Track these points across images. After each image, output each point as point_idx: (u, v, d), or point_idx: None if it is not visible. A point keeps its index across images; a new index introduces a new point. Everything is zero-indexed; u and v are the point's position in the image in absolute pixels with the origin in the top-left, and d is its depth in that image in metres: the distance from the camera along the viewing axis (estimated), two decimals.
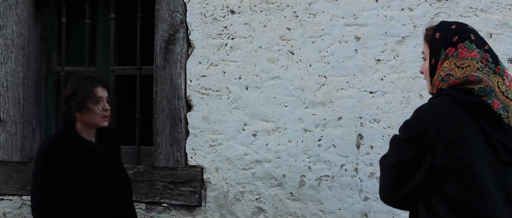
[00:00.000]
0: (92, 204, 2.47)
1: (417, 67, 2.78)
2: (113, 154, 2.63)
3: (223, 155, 3.06)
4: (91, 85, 2.48)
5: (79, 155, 2.48)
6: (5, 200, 3.38)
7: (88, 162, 2.49)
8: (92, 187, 2.47)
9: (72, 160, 2.46)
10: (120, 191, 2.57)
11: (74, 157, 2.47)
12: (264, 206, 3.00)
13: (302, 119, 2.94)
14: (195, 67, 3.10)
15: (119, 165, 2.65)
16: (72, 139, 2.49)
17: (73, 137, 2.49)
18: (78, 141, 2.49)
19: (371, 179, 2.85)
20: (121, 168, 2.66)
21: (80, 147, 2.49)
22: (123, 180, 2.62)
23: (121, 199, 2.57)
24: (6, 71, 3.38)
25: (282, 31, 2.96)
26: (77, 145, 2.48)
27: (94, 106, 2.46)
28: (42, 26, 3.50)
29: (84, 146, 2.49)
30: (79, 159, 2.47)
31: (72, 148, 2.47)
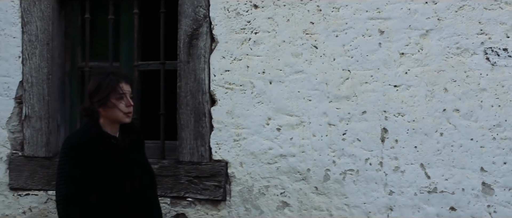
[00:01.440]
0: (116, 199, 2.82)
1: (442, 60, 3.17)
2: (137, 149, 3.04)
3: (247, 149, 3.50)
4: (115, 80, 2.85)
5: (103, 150, 2.85)
6: (31, 195, 3.88)
7: (112, 157, 2.86)
8: (116, 182, 2.83)
9: (96, 155, 2.82)
10: (144, 186, 2.96)
11: (98, 152, 2.83)
12: (289, 200, 3.43)
13: (326, 113, 3.37)
14: (218, 62, 3.55)
15: (143, 160, 3.08)
16: (96, 134, 2.87)
17: (97, 132, 2.87)
18: (101, 136, 2.86)
19: (396, 173, 3.26)
20: (145, 163, 3.09)
21: (104, 142, 2.86)
22: (148, 175, 3.04)
23: (145, 193, 2.96)
24: (31, 67, 3.87)
25: (306, 25, 3.39)
26: (101, 140, 2.85)
27: (117, 102, 2.84)
28: (66, 22, 3.99)
29: (108, 141, 2.87)
30: (103, 154, 2.84)
31: (96, 143, 2.84)
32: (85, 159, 2.80)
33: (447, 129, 3.17)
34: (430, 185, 3.20)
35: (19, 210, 3.90)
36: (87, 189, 2.77)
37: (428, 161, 3.20)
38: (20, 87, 3.89)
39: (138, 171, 2.95)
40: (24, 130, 3.88)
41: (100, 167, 2.82)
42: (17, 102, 3.90)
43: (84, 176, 2.78)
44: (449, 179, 3.17)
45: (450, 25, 3.16)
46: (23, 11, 3.87)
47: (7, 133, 3.92)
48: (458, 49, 3.15)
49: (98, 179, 2.79)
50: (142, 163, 3.04)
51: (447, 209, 3.18)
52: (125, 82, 2.89)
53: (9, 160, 3.92)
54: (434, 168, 3.19)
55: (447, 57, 3.16)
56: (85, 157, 2.80)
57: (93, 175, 2.79)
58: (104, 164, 2.83)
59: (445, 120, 3.17)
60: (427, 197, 3.21)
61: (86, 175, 2.78)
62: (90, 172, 2.79)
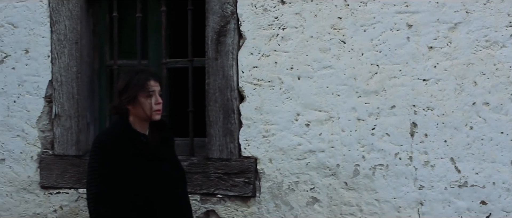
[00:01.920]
0: (145, 197, 3.00)
1: (471, 54, 3.31)
2: (166, 146, 3.22)
3: (276, 145, 3.66)
4: (143, 78, 3.03)
5: (133, 148, 3.02)
6: (62, 193, 4.10)
7: (142, 155, 3.03)
8: (144, 180, 3.00)
9: (126, 153, 3.00)
10: (173, 183, 3.14)
11: (127, 150, 3.01)
12: (319, 196, 3.60)
13: (355, 108, 3.52)
14: (246, 58, 3.72)
15: (173, 157, 3.26)
16: (126, 132, 3.05)
17: (127, 130, 3.06)
18: (131, 134, 3.05)
19: (425, 167, 3.40)
20: (175, 160, 3.27)
21: (133, 140, 3.04)
22: (177, 172, 3.21)
23: (174, 191, 3.13)
24: (60, 66, 4.08)
25: (333, 20, 3.54)
26: (130, 138, 3.04)
27: (146, 100, 3.02)
28: (94, 21, 4.19)
29: (137, 139, 3.05)
30: (132, 151, 3.02)
31: (126, 141, 3.02)
32: (115, 157, 2.98)
33: (477, 123, 3.30)
34: (460, 179, 3.34)
35: (50, 208, 4.13)
36: (116, 187, 2.95)
37: (458, 155, 3.33)
38: (49, 86, 4.11)
39: (166, 168, 3.13)
40: (54, 129, 4.10)
41: (129, 165, 2.99)
42: (47, 102, 4.12)
43: (113, 174, 2.96)
44: (480, 173, 3.30)
45: (478, 18, 3.28)
46: (51, 11, 4.08)
47: (38, 132, 4.15)
48: (487, 42, 3.27)
49: (127, 177, 2.97)
50: (172, 160, 3.23)
51: (477, 203, 3.32)
52: (154, 80, 3.06)
53: (39, 158, 4.14)
54: (464, 162, 3.32)
55: (476, 50, 3.29)
56: (115, 155, 2.99)
57: (122, 173, 2.97)
58: (133, 162, 3.01)
59: (474, 114, 3.30)
60: (458, 191, 3.34)
61: (115, 173, 2.96)
62: (119, 170, 2.97)
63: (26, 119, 4.16)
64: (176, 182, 3.18)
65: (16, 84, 4.16)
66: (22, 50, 4.15)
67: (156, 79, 3.08)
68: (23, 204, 4.18)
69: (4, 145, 4.20)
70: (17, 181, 4.19)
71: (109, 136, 3.09)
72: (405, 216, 3.43)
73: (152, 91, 3.03)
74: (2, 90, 4.18)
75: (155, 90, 3.05)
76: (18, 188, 4.19)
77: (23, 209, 4.18)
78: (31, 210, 4.16)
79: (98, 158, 3.00)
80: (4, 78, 4.17)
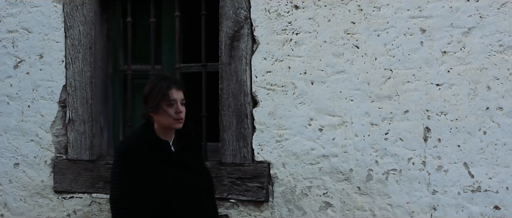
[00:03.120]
0: (165, 204, 3.07)
1: (485, 58, 3.39)
2: (191, 154, 3.27)
3: (289, 150, 3.75)
4: (165, 87, 3.10)
5: (154, 155, 3.11)
6: (75, 197, 4.21)
7: (162, 162, 3.11)
8: (164, 187, 3.08)
9: (147, 160, 3.09)
10: (194, 191, 3.19)
11: (148, 157, 3.10)
12: (332, 200, 3.68)
13: (368, 112, 3.60)
14: (260, 63, 3.81)
15: (196, 164, 3.29)
16: (148, 139, 3.14)
17: (149, 137, 3.15)
18: (153, 141, 3.14)
19: (439, 172, 3.47)
20: (200, 168, 3.32)
21: (155, 147, 3.13)
22: (200, 179, 3.26)
23: (195, 198, 3.19)
24: (74, 71, 4.20)
25: (347, 25, 3.63)
26: (153, 145, 3.12)
27: (167, 108, 3.09)
28: (108, 26, 4.32)
29: (159, 146, 3.14)
30: (154, 158, 3.10)
31: (148, 148, 3.11)
32: (136, 163, 3.08)
33: (491, 127, 3.37)
34: (473, 184, 3.41)
35: (63, 213, 4.24)
36: (135, 193, 3.05)
37: (472, 160, 3.41)
38: (63, 91, 4.22)
39: (188, 175, 3.19)
40: (68, 133, 4.21)
41: (149, 171, 3.08)
42: (60, 106, 4.24)
43: (134, 180, 3.06)
44: (493, 177, 3.37)
45: (492, 22, 3.36)
46: (65, 16, 4.20)
47: (51, 136, 4.26)
48: (501, 46, 3.35)
49: (146, 184, 3.06)
50: (195, 168, 3.26)
51: (491, 208, 3.39)
52: (176, 89, 3.13)
53: (53, 163, 4.26)
54: (478, 167, 3.40)
55: (490, 55, 3.37)
56: (136, 162, 3.08)
57: (142, 180, 3.06)
58: (153, 169, 3.09)
59: (488, 118, 3.38)
60: (471, 196, 3.42)
61: (136, 179, 3.06)
62: (140, 177, 3.06)
63: (40, 124, 4.28)
64: (197, 190, 3.22)
65: (30, 89, 4.28)
66: (36, 55, 4.27)
67: (178, 88, 3.15)
68: (37, 208, 4.30)
69: (18, 149, 4.32)
70: (31, 185, 4.31)
71: (131, 142, 3.19)
72: None
73: (174, 100, 3.10)
74: (17, 95, 4.30)
75: (177, 99, 3.11)
76: (32, 193, 4.30)
77: (36, 213, 4.29)
78: (44, 215, 4.28)
79: (120, 164, 3.10)
80: (18, 83, 4.30)
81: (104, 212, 4.12)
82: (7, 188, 4.35)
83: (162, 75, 3.34)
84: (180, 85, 3.18)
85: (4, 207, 4.36)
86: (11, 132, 4.32)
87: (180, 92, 3.14)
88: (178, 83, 3.18)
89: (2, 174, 4.36)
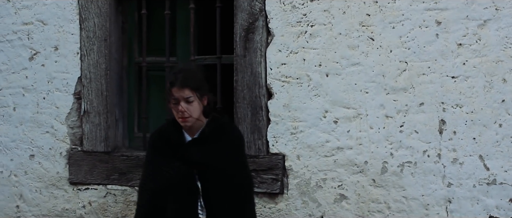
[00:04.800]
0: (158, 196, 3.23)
1: (500, 51, 3.44)
2: (205, 147, 3.25)
3: (304, 142, 3.82)
4: (168, 87, 3.16)
5: (167, 147, 3.26)
6: (90, 189, 4.31)
7: (172, 155, 3.24)
8: (160, 180, 3.24)
9: (160, 151, 3.27)
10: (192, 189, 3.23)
11: (160, 148, 3.28)
12: (346, 193, 3.75)
13: (383, 105, 3.66)
14: (275, 55, 3.88)
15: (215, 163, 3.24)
16: (166, 131, 3.31)
17: (168, 130, 3.31)
18: (169, 134, 3.28)
19: (454, 165, 3.53)
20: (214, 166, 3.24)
21: (169, 139, 3.27)
22: (208, 176, 3.24)
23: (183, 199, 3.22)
24: (89, 63, 4.29)
25: (362, 17, 3.69)
26: (168, 138, 3.28)
27: (173, 107, 3.18)
28: (123, 18, 4.39)
29: (172, 139, 3.27)
30: (162, 151, 3.27)
31: (164, 140, 3.29)
32: (151, 153, 3.34)
33: (506, 120, 3.43)
34: (489, 177, 3.47)
35: (78, 204, 4.34)
36: (144, 184, 3.31)
37: (487, 153, 3.47)
38: (78, 83, 4.31)
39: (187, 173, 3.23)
40: (83, 125, 4.31)
41: (156, 164, 3.28)
42: (76, 98, 4.33)
43: (146, 171, 3.32)
44: (509, 170, 3.43)
45: (508, 14, 3.41)
46: (80, 8, 4.28)
47: (67, 128, 4.36)
48: None
49: (151, 176, 3.28)
50: (209, 166, 3.24)
51: (506, 201, 3.45)
52: (178, 87, 3.13)
53: (68, 155, 4.35)
54: (493, 160, 3.46)
55: (506, 47, 3.42)
56: (151, 152, 3.34)
57: (150, 172, 3.29)
58: (158, 161, 3.28)
59: (504, 111, 3.43)
60: (486, 189, 3.48)
61: (147, 170, 3.32)
62: (150, 168, 3.30)
63: (55, 116, 4.37)
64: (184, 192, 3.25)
65: (45, 81, 4.37)
66: (51, 47, 4.36)
67: (180, 86, 3.13)
68: (52, 199, 4.39)
69: (34, 141, 4.42)
70: (46, 177, 4.41)
71: (155, 133, 3.41)
72: (433, 213, 3.57)
73: (176, 99, 3.15)
74: (32, 87, 4.39)
75: (179, 98, 3.14)
76: (47, 184, 4.40)
77: (52, 204, 4.39)
78: (60, 206, 4.38)
79: (146, 151, 3.42)
80: (33, 75, 4.39)
81: (119, 204, 4.21)
82: (23, 179, 4.45)
83: (172, 71, 3.41)
84: (183, 83, 3.13)
85: (20, 198, 4.46)
86: (27, 124, 4.42)
87: (184, 90, 3.13)
88: (180, 81, 3.14)
89: (18, 166, 4.46)
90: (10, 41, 4.42)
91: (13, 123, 4.45)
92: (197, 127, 3.26)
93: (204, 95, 3.22)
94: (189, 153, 3.24)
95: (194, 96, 3.15)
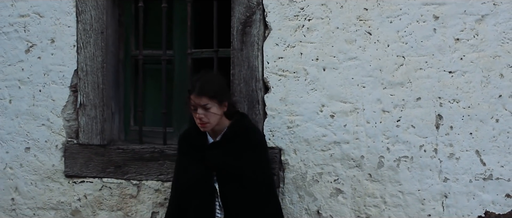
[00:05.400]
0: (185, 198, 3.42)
1: (498, 46, 3.43)
2: (224, 149, 3.43)
3: (301, 136, 3.82)
4: (187, 95, 3.36)
5: (190, 148, 3.47)
6: (86, 182, 4.29)
7: (190, 156, 3.46)
8: (179, 180, 3.48)
9: (184, 153, 3.51)
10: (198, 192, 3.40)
11: (187, 151, 3.49)
12: (343, 187, 3.75)
13: (380, 99, 3.66)
14: (272, 49, 3.87)
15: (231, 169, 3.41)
16: (191, 133, 3.51)
17: (192, 132, 3.50)
18: (193, 136, 3.48)
19: (450, 159, 3.53)
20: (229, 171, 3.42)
21: (192, 141, 3.48)
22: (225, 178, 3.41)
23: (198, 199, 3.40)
24: (85, 56, 4.27)
25: (359, 11, 3.68)
26: (190, 139, 3.49)
27: (192, 112, 3.36)
28: (119, 11, 4.38)
29: (194, 141, 3.46)
30: (190, 153, 3.46)
31: (188, 141, 3.51)
32: (179, 154, 3.60)
33: (503, 115, 3.43)
34: (485, 172, 3.47)
35: (74, 197, 4.33)
36: (173, 181, 3.62)
37: (484, 148, 3.47)
38: (75, 76, 4.30)
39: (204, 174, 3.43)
40: (79, 118, 4.29)
41: (181, 163, 3.54)
42: (72, 91, 4.31)
43: (175, 169, 3.62)
44: (505, 165, 3.43)
45: (506, 10, 3.40)
46: (77, 1, 4.26)
47: (62, 121, 4.34)
48: None
49: (176, 174, 3.54)
50: (224, 170, 3.43)
51: (502, 196, 3.45)
52: (196, 95, 3.32)
53: (64, 147, 4.34)
54: (490, 155, 3.46)
55: (503, 42, 3.41)
56: (179, 152, 3.60)
57: (176, 170, 3.56)
58: (184, 162, 3.51)
59: (501, 106, 3.43)
60: (483, 184, 3.48)
61: (175, 168, 3.61)
62: (177, 167, 3.56)
63: (51, 108, 4.35)
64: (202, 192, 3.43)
65: (41, 74, 4.36)
66: (48, 39, 4.34)
67: (199, 94, 3.31)
68: (48, 192, 4.39)
69: (29, 133, 4.41)
70: (41, 169, 4.39)
71: (182, 134, 3.64)
72: (429, 208, 3.57)
73: (193, 106, 3.33)
74: (28, 80, 4.38)
75: (196, 105, 3.32)
76: (43, 177, 4.39)
77: (47, 197, 4.39)
78: (55, 199, 4.37)
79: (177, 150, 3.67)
80: (30, 68, 4.37)
81: (114, 197, 4.21)
82: (18, 172, 4.44)
83: (193, 77, 3.58)
84: (201, 90, 3.31)
85: (15, 191, 4.45)
86: (23, 116, 4.41)
87: (201, 98, 3.30)
88: (198, 89, 3.32)
89: (13, 158, 4.45)
90: (6, 34, 4.40)
91: (9, 115, 4.43)
92: (220, 130, 3.44)
93: (223, 101, 3.37)
94: (208, 156, 3.41)
95: (212, 103, 3.31)
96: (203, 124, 3.33)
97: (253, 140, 3.47)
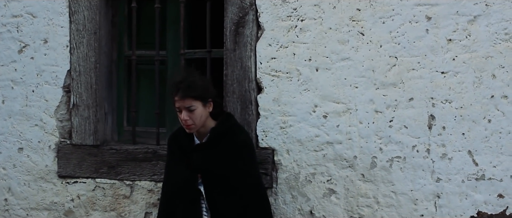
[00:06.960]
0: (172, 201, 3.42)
1: (490, 46, 3.42)
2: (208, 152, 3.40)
3: (293, 136, 3.80)
4: (171, 96, 3.31)
5: (177, 150, 3.46)
6: (79, 182, 4.27)
7: (179, 158, 3.44)
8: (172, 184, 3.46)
9: (172, 156, 3.50)
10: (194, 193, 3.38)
11: (175, 152, 3.48)
12: (335, 187, 3.73)
13: (373, 100, 3.64)
14: (265, 49, 3.85)
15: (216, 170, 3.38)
16: (178, 135, 3.49)
17: (179, 133, 3.48)
18: (180, 138, 3.47)
19: (443, 160, 3.51)
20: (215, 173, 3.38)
21: (179, 143, 3.46)
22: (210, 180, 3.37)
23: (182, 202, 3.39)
24: (78, 56, 4.25)
25: (352, 12, 3.67)
26: (177, 141, 3.47)
27: (178, 114, 3.33)
28: (113, 11, 4.35)
29: (181, 143, 3.45)
30: (178, 155, 3.45)
31: (176, 142, 3.49)
32: (168, 156, 3.59)
33: (495, 116, 3.42)
34: (478, 172, 3.46)
35: (67, 197, 4.30)
36: (163, 184, 3.62)
37: (476, 148, 3.46)
38: (68, 76, 4.27)
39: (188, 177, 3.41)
40: (72, 119, 4.27)
41: (169, 166, 3.54)
42: (65, 91, 4.29)
43: (164, 172, 3.62)
44: (497, 166, 3.42)
45: (498, 10, 3.40)
46: (70, 1, 4.23)
47: (56, 121, 4.32)
48: (506, 35, 3.38)
49: (165, 177, 3.57)
50: (210, 173, 3.40)
51: (495, 196, 3.44)
52: (179, 96, 3.27)
53: (57, 148, 4.31)
54: (482, 155, 3.45)
55: (495, 43, 3.40)
56: (168, 154, 3.58)
57: (166, 173, 3.58)
58: (171, 164, 3.51)
59: (493, 107, 3.42)
60: (475, 184, 3.47)
61: (165, 171, 3.61)
62: (166, 169, 3.60)
63: (45, 109, 4.33)
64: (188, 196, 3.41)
65: (34, 74, 4.33)
66: (41, 40, 4.31)
67: (182, 96, 3.26)
68: (41, 193, 4.36)
69: (22, 134, 4.38)
70: (35, 170, 4.37)
71: (171, 136, 3.61)
72: (421, 208, 3.56)
73: (178, 108, 3.29)
74: (21, 80, 4.35)
75: (180, 107, 3.28)
76: (36, 177, 4.36)
77: (40, 198, 4.36)
78: (48, 199, 4.34)
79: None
80: (22, 68, 4.34)
81: (107, 197, 4.18)
82: (11, 172, 4.41)
83: (174, 79, 3.40)
84: (185, 93, 3.26)
85: (8, 191, 4.42)
86: (16, 117, 4.38)
87: (185, 100, 3.25)
88: (181, 92, 3.27)
89: (6, 159, 4.42)
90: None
91: (1, 115, 4.41)
92: (206, 131, 3.40)
93: (208, 101, 3.33)
94: (193, 158, 3.38)
95: (197, 105, 3.26)
96: (188, 126, 3.29)
97: (238, 140, 3.42)
